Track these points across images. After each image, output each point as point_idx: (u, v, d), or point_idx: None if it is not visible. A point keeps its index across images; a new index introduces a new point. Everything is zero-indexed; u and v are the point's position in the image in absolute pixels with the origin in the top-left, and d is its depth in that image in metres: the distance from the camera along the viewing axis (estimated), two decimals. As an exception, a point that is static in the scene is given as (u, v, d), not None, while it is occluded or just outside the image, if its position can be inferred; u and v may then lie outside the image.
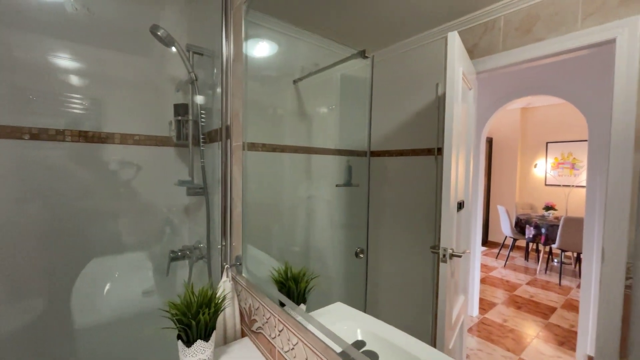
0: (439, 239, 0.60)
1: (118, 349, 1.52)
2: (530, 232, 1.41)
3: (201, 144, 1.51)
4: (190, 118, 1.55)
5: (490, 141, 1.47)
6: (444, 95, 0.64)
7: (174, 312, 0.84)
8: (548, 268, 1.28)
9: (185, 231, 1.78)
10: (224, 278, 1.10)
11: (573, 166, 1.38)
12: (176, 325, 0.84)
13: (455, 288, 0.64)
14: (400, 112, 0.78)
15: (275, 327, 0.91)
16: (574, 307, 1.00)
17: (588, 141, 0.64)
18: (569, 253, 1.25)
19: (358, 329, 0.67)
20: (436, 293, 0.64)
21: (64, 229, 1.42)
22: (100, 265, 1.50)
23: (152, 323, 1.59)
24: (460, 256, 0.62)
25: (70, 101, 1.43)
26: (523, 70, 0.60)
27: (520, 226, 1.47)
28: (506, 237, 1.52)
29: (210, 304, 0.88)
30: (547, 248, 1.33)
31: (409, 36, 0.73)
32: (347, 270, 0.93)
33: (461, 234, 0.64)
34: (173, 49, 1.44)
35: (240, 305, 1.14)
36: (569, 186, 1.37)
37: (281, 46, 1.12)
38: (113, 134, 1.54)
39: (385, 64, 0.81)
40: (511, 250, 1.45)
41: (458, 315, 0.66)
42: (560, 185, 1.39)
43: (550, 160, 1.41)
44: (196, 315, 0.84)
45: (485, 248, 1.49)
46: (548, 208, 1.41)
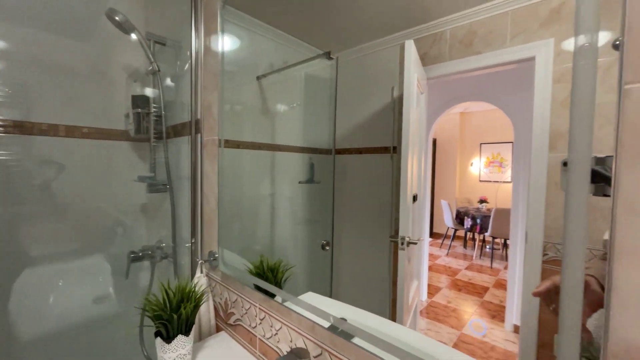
0: (397, 229, 0.65)
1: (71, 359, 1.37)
2: (468, 223, 1.59)
3: (165, 139, 1.41)
4: (152, 111, 1.43)
5: (434, 142, 1.62)
6: (399, 97, 0.70)
7: (153, 308, 0.83)
8: (482, 254, 1.46)
9: (144, 231, 1.64)
10: (198, 274, 1.09)
11: (501, 164, 1.59)
12: (154, 322, 0.83)
13: (410, 273, 0.70)
14: (360, 113, 0.83)
15: (256, 316, 0.93)
16: (503, 286, 1.17)
17: (513, 143, 0.73)
18: (499, 240, 1.44)
19: (334, 312, 0.71)
20: (393, 279, 0.69)
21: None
22: (37, 275, 1.32)
23: (110, 329, 1.48)
24: (416, 243, 0.69)
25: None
26: (464, 78, 0.68)
27: (460, 218, 1.64)
28: (448, 228, 1.69)
29: (190, 298, 0.88)
30: (482, 236, 1.52)
31: (369, 40, 0.78)
32: (315, 262, 0.96)
33: (416, 224, 0.71)
34: (133, 36, 1.31)
35: (214, 300, 1.14)
36: (498, 182, 1.58)
37: (244, 41, 1.09)
38: (57, 126, 1.34)
39: (348, 66, 0.85)
40: (452, 240, 1.61)
41: (413, 298, 0.73)
42: (491, 181, 1.60)
43: (483, 159, 1.61)
44: (177, 309, 0.84)
45: (431, 239, 1.64)
46: (482, 201, 1.61)
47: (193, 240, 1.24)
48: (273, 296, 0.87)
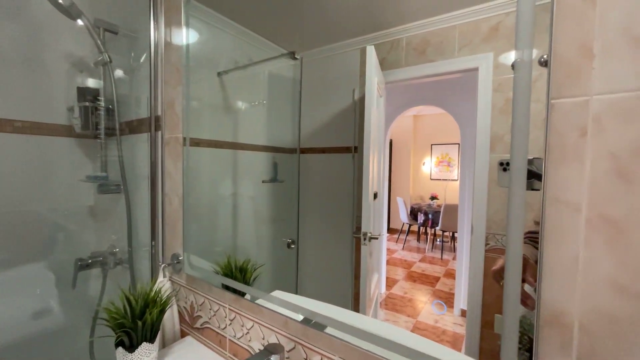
0: (359, 226, 0.68)
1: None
2: (421, 218, 1.70)
3: (118, 135, 1.28)
4: (102, 105, 1.28)
5: (391, 143, 1.71)
6: (360, 99, 0.73)
7: (114, 317, 0.78)
8: (434, 246, 1.58)
9: (94, 235, 1.47)
10: (161, 278, 1.04)
11: (449, 164, 1.73)
12: (116, 331, 0.78)
13: (372, 267, 0.74)
14: (323, 113, 0.84)
15: (225, 317, 0.92)
16: (452, 275, 1.28)
17: (460, 144, 0.79)
18: (448, 233, 1.57)
19: (305, 307, 0.72)
20: (356, 273, 0.72)
21: None
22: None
23: (55, 345, 1.31)
24: (377, 238, 0.73)
25: None
26: (418, 84, 0.73)
27: (413, 214, 1.76)
28: (403, 224, 1.79)
29: (155, 303, 0.85)
30: (433, 230, 1.64)
31: (333, 42, 0.80)
32: (280, 260, 0.96)
33: (376, 220, 0.75)
34: (79, 22, 1.16)
35: (178, 305, 1.10)
36: (447, 180, 1.72)
37: (205, 36, 1.05)
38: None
39: (312, 66, 0.86)
40: (408, 234, 1.72)
41: (374, 290, 0.77)
42: (441, 179, 1.73)
43: (434, 159, 1.74)
44: (141, 315, 0.80)
45: (388, 234, 1.72)
46: (433, 198, 1.75)
47: (153, 243, 1.16)
48: (243, 295, 0.86)
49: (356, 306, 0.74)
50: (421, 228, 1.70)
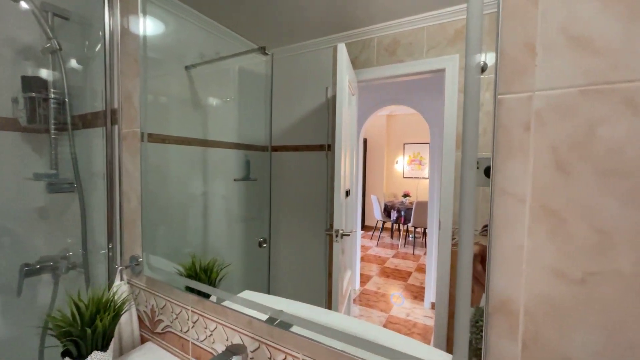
0: (332, 223, 0.69)
1: None
2: (394, 215, 1.75)
3: (70, 130, 1.18)
4: (51, 96, 1.18)
5: (365, 141, 1.74)
6: (333, 98, 0.73)
7: (59, 325, 0.72)
8: (406, 242, 1.62)
9: (43, 238, 1.34)
10: (118, 281, 0.97)
11: (421, 162, 1.80)
12: (61, 340, 0.72)
13: (344, 264, 0.74)
14: (296, 110, 0.84)
15: (188, 320, 0.88)
16: (423, 270, 1.32)
17: (430, 143, 0.81)
18: (419, 229, 1.62)
19: (272, 306, 0.71)
20: (329, 270, 0.73)
21: None
22: None
23: None
24: (349, 235, 0.73)
25: None
26: (390, 83, 0.75)
27: (387, 211, 1.80)
28: (377, 221, 1.83)
29: (108, 308, 0.79)
30: (405, 227, 1.69)
31: (305, 39, 0.79)
32: (251, 260, 0.95)
33: (349, 217, 0.75)
34: (22, 4, 1.05)
35: (138, 309, 1.04)
36: (418, 178, 1.78)
37: (171, 26, 0.99)
38: None
39: (283, 63, 0.85)
40: (381, 231, 1.76)
41: (347, 287, 0.78)
42: (413, 177, 1.79)
43: (406, 158, 1.79)
44: (91, 322, 0.74)
45: (363, 231, 1.75)
46: (405, 195, 1.80)
47: (110, 245, 1.09)
48: (208, 297, 0.84)
49: (329, 303, 0.75)
50: (394, 225, 1.75)
